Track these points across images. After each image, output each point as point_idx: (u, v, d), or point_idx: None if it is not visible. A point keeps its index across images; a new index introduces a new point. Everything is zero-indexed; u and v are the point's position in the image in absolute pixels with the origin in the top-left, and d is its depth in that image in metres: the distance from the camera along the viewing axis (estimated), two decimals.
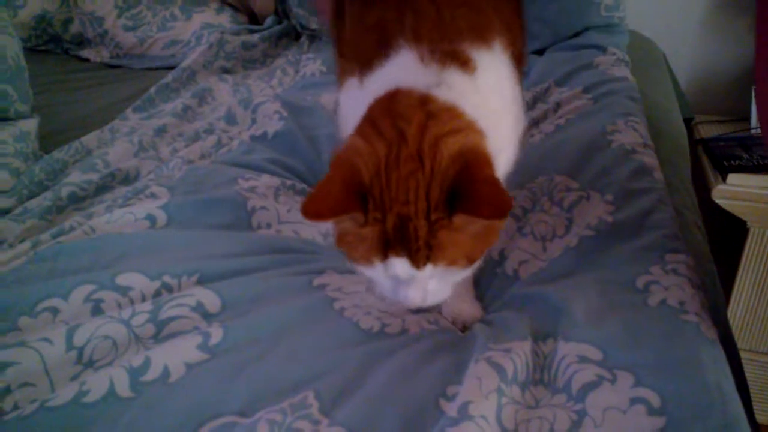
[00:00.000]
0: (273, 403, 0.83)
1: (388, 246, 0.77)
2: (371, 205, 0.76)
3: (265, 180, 1.31)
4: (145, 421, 0.80)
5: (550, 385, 0.86)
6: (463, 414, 0.78)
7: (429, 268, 0.77)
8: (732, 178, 1.87)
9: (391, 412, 0.81)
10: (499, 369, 0.85)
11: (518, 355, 0.88)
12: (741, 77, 2.18)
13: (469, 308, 1.02)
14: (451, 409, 0.80)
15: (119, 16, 1.95)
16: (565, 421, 0.79)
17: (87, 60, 1.99)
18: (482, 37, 0.88)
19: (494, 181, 0.76)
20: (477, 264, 0.84)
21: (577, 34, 1.82)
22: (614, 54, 1.73)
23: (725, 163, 1.92)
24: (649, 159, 1.24)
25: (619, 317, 0.91)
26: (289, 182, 1.34)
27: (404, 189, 0.76)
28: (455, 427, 0.77)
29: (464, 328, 0.99)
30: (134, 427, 0.79)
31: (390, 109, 0.80)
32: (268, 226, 1.22)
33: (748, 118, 2.08)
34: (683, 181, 1.44)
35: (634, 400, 0.79)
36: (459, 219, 0.76)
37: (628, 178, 1.18)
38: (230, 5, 1.98)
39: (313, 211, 0.76)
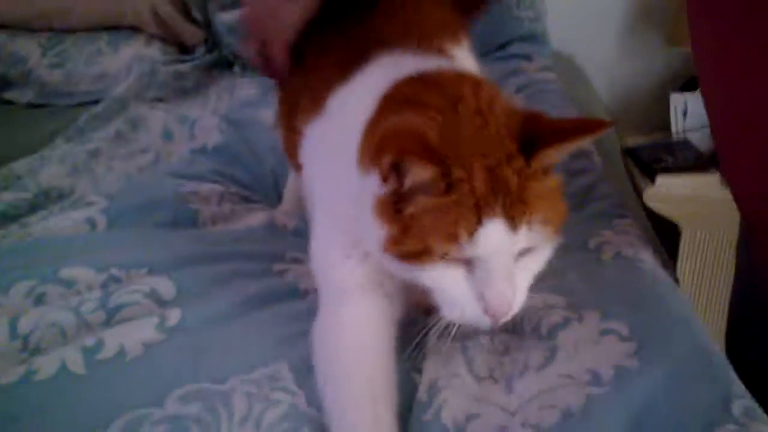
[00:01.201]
0: (244, 374, 0.78)
1: (481, 207, 0.66)
2: (455, 169, 0.66)
3: (208, 187, 1.28)
4: (105, 394, 0.75)
5: (517, 331, 0.85)
6: (434, 391, 0.76)
7: (524, 230, 0.67)
8: (661, 179, 1.94)
9: None
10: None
11: None
12: (657, 88, 2.29)
13: None
14: (420, 393, 0.77)
15: (43, 55, 1.89)
16: (539, 357, 0.79)
17: (11, 102, 1.92)
18: (455, 36, 0.96)
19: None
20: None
21: (502, 47, 1.89)
22: (539, 62, 1.80)
23: (653, 166, 1.99)
24: (587, 144, 1.27)
25: (576, 272, 0.92)
26: (233, 189, 1.31)
27: (479, 143, 0.68)
28: (428, 410, 0.74)
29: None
30: (92, 400, 0.74)
31: (427, 83, 0.75)
32: (214, 224, 1.18)
33: (668, 127, 2.18)
34: (618, 175, 1.49)
35: (604, 332, 0.80)
36: (537, 161, 0.68)
37: (568, 160, 1.20)
38: (159, 38, 1.95)
39: (408, 155, 0.64)
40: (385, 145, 0.65)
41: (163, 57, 1.90)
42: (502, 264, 0.68)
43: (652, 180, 1.95)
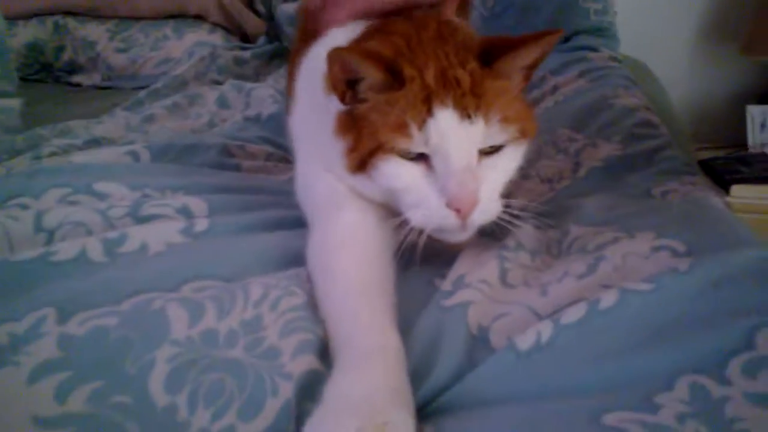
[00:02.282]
0: (263, 274, 0.75)
1: (431, 99, 0.70)
2: (407, 67, 0.72)
3: (256, 147, 1.26)
4: (121, 279, 0.71)
5: (562, 253, 0.79)
6: (459, 284, 0.72)
7: (480, 123, 0.70)
8: (736, 189, 1.83)
9: None
10: (500, 243, 0.80)
11: (521, 236, 0.81)
12: (732, 100, 2.19)
13: None
14: (445, 285, 0.73)
15: (111, 39, 1.96)
16: (580, 267, 0.72)
17: (78, 85, 1.97)
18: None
19: None
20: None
21: (567, 40, 1.83)
22: (606, 54, 1.73)
23: (728, 177, 1.89)
24: (653, 117, 1.20)
25: (635, 208, 0.85)
26: (280, 153, 1.28)
27: (434, 53, 0.73)
28: (450, 298, 0.70)
29: None
30: (108, 283, 0.70)
31: (397, 20, 0.83)
32: (255, 173, 1.16)
33: (743, 140, 2.07)
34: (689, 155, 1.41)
35: (656, 248, 0.72)
36: (501, 65, 0.73)
37: (634, 126, 1.14)
38: (222, 27, 1.99)
39: (351, 49, 0.73)
40: (335, 55, 0.70)
41: (225, 44, 1.93)
42: (462, 156, 0.70)
43: (727, 192, 1.84)
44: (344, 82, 0.73)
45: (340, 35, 0.87)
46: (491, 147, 0.73)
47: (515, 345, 0.60)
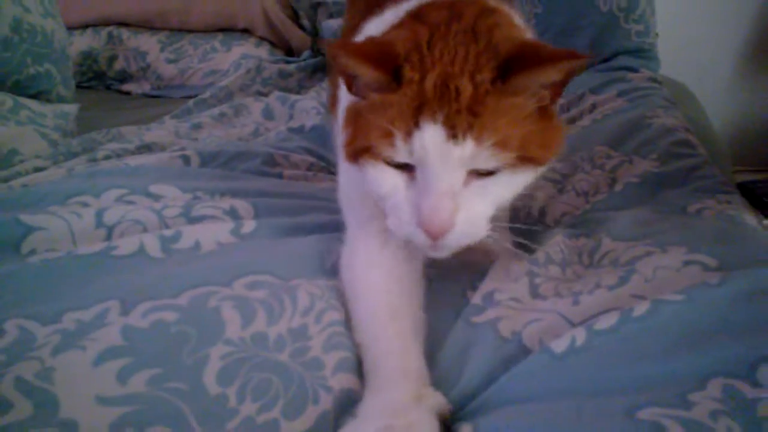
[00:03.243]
0: (308, 279, 0.79)
1: (422, 109, 0.65)
2: (407, 69, 0.67)
3: (299, 157, 1.31)
4: (177, 274, 0.76)
5: (592, 266, 0.81)
6: (489, 301, 0.75)
7: (470, 144, 0.65)
8: None
9: None
10: (529, 258, 0.81)
11: (550, 246, 0.84)
12: None
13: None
14: (475, 298, 0.76)
15: (162, 50, 2.03)
16: (612, 279, 0.74)
17: (128, 93, 2.05)
18: None
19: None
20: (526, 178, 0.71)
21: (608, 60, 1.84)
22: (646, 74, 1.74)
23: (765, 199, 1.89)
24: (692, 137, 1.21)
25: (669, 222, 0.87)
26: (322, 164, 1.33)
27: (451, 53, 0.68)
28: (480, 314, 0.73)
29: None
30: (166, 277, 0.75)
31: (439, 5, 0.76)
32: (297, 181, 1.20)
33: None
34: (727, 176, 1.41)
35: (687, 262, 0.73)
36: (517, 82, 0.66)
37: (672, 145, 1.15)
38: (268, 41, 2.06)
39: (342, 46, 0.70)
40: (330, 51, 0.70)
41: (271, 57, 1.99)
42: (443, 176, 0.66)
43: (765, 216, 1.83)
44: (347, 75, 0.71)
45: (374, 24, 0.85)
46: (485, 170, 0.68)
47: (550, 348, 0.62)
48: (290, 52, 2.10)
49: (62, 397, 0.57)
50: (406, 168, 0.69)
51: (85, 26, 2.09)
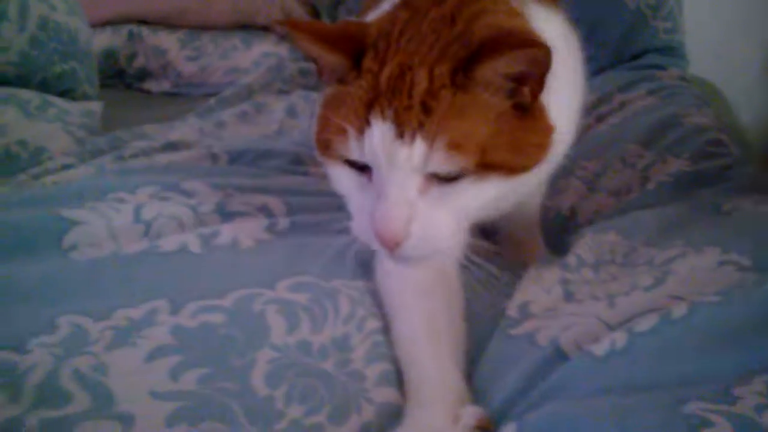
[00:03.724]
0: (348, 280, 0.79)
1: (373, 104, 0.62)
2: (369, 57, 0.63)
3: None
4: (221, 271, 0.78)
5: (627, 266, 0.80)
6: (525, 313, 0.74)
7: (420, 145, 0.60)
8: None
9: None
10: (560, 263, 0.81)
11: (580, 247, 0.83)
12: None
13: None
14: (510, 310, 0.75)
15: (182, 48, 2.03)
16: (648, 279, 0.73)
17: (148, 91, 2.06)
18: None
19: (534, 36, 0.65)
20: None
21: (636, 58, 1.82)
22: (674, 72, 1.71)
23: None
24: (725, 137, 1.19)
25: (703, 222, 0.86)
26: None
27: (418, 38, 0.63)
28: (517, 327, 0.72)
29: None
30: (209, 273, 0.77)
31: None
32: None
33: None
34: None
35: (722, 263, 0.73)
36: (475, 75, 0.61)
37: (705, 144, 1.14)
38: (288, 38, 2.06)
39: (293, 23, 0.67)
40: (287, 30, 0.67)
41: (291, 55, 2.00)
42: (394, 180, 0.61)
43: None
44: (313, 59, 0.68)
45: (373, 14, 0.79)
46: (447, 174, 0.62)
47: (591, 351, 0.62)
48: None
49: (118, 391, 0.58)
50: (366, 169, 0.65)
51: (104, 24, 2.09)
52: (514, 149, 0.63)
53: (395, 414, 0.65)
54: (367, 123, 0.61)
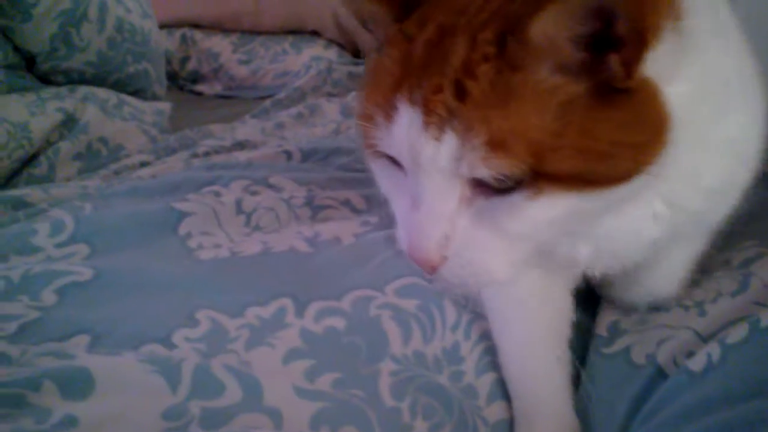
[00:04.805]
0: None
1: (401, 82, 0.47)
2: (415, 16, 0.49)
3: None
4: (332, 270, 0.80)
5: (705, 270, 0.78)
6: (616, 331, 0.72)
7: (449, 141, 0.45)
8: None
9: None
10: None
11: None
12: None
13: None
14: (599, 329, 0.75)
15: (234, 52, 2.10)
16: (731, 284, 0.72)
17: (201, 93, 2.12)
18: None
19: None
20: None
21: None
22: None
23: None
24: None
25: None
26: None
27: (475, 3, 0.46)
28: (610, 346, 0.71)
29: None
30: (322, 273, 0.80)
31: None
32: None
33: None
34: None
35: None
36: (540, 30, 0.42)
37: None
38: (337, 43, 2.12)
39: None
40: None
41: (339, 59, 2.05)
42: (431, 187, 0.47)
43: None
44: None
45: None
46: (500, 179, 0.45)
47: (688, 368, 0.59)
48: (357, 53, 2.15)
49: (265, 385, 0.60)
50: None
51: (159, 28, 2.16)
52: (595, 153, 0.45)
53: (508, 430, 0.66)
54: (395, 107, 0.47)
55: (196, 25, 2.17)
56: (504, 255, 0.50)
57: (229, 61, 2.10)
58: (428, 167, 0.46)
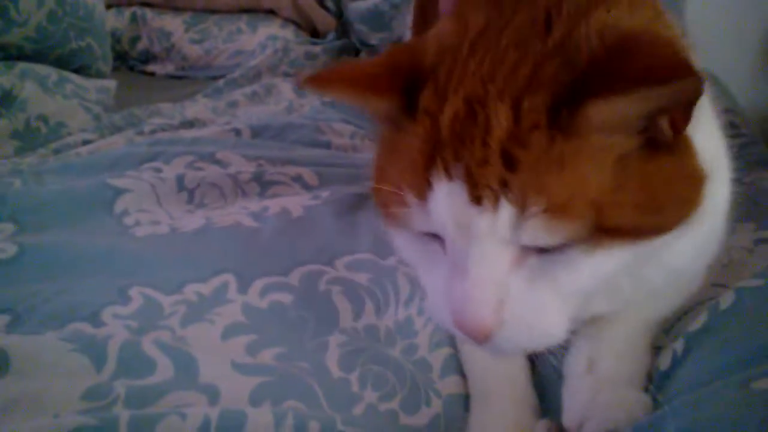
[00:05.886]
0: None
1: (434, 158, 0.45)
2: (428, 91, 0.46)
3: (341, 125, 1.32)
4: (280, 244, 0.78)
5: None
6: None
7: (506, 212, 0.43)
8: None
9: None
10: None
11: None
12: None
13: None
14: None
15: (186, 31, 2.03)
16: None
17: (152, 74, 2.05)
18: None
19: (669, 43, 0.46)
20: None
21: None
22: None
23: None
24: (736, 119, 1.19)
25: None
26: (362, 132, 1.34)
27: (496, 57, 0.45)
28: None
29: None
30: (269, 248, 0.77)
31: None
32: (346, 151, 1.22)
33: None
34: None
35: (758, 241, 0.73)
36: (597, 111, 0.42)
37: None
38: (293, 22, 2.07)
39: (315, 77, 0.48)
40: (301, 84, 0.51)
41: (296, 39, 2.00)
42: (479, 255, 0.45)
43: None
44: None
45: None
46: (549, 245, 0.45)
47: (657, 367, 0.58)
48: (315, 33, 2.11)
49: (201, 361, 0.58)
50: (437, 236, 0.48)
51: (108, 6, 2.08)
52: (647, 206, 0.45)
53: (461, 405, 0.63)
54: (429, 184, 0.45)
55: (146, 4, 2.09)
56: (559, 314, 0.48)
57: (181, 40, 2.03)
58: (483, 237, 0.44)
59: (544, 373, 0.64)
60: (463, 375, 0.67)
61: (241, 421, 0.50)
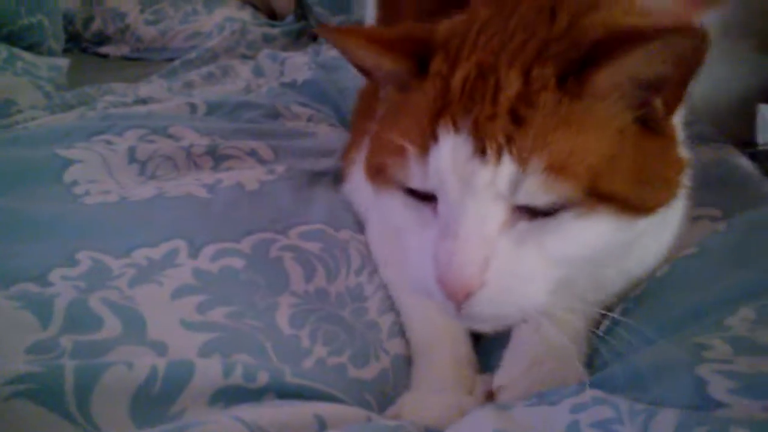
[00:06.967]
0: (354, 231, 0.81)
1: (442, 113, 0.49)
2: (438, 59, 0.51)
3: (299, 108, 1.32)
4: (231, 214, 0.78)
5: None
6: None
7: (508, 166, 0.46)
8: None
9: None
10: None
11: None
12: (742, 99, 2.26)
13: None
14: None
15: (142, 12, 2.00)
16: None
17: (106, 56, 2.02)
18: None
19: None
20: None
21: None
22: None
23: None
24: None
25: None
26: (320, 116, 1.35)
27: (504, 35, 0.50)
28: None
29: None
30: (221, 217, 0.77)
31: None
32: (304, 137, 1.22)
33: (751, 141, 2.15)
34: None
35: (697, 218, 0.73)
36: (596, 78, 0.47)
37: None
38: (251, 4, 2.06)
39: (338, 28, 0.55)
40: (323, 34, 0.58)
41: (254, 20, 1.99)
42: (472, 211, 0.47)
43: None
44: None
45: None
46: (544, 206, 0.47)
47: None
48: (273, 16, 2.10)
49: (149, 319, 0.59)
50: (429, 199, 0.51)
51: None
52: (637, 178, 0.48)
53: (408, 365, 0.66)
54: (434, 138, 0.48)
55: None
56: (542, 281, 0.50)
57: (136, 21, 2.00)
58: (477, 191, 0.47)
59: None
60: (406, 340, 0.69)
61: (189, 371, 0.52)
